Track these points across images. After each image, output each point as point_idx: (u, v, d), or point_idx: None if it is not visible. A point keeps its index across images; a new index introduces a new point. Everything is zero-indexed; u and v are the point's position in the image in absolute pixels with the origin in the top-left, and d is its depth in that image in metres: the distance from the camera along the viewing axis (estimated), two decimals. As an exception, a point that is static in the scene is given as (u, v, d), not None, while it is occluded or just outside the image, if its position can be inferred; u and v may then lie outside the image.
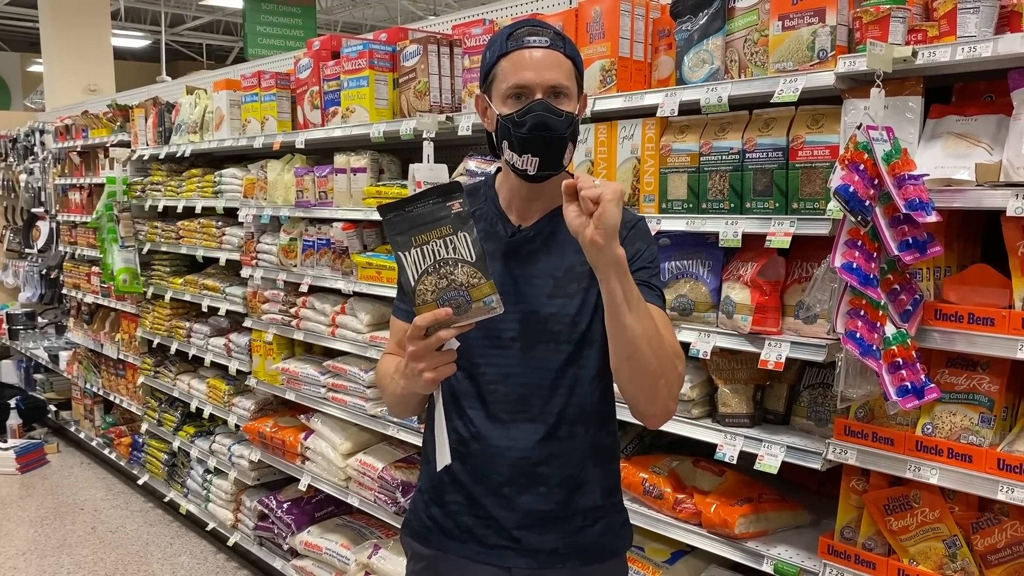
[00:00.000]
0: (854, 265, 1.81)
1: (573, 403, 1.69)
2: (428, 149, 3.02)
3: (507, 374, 1.68)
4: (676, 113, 2.30)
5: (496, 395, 1.68)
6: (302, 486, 3.83)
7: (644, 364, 1.54)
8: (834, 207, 1.92)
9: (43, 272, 7.47)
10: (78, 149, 6.30)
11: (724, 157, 2.24)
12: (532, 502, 1.69)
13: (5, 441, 6.26)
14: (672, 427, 2.40)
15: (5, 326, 7.68)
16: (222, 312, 4.55)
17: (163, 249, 4.98)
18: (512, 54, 1.62)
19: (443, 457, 1.58)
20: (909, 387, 1.83)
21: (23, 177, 7.56)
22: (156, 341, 5.19)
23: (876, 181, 1.80)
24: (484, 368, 1.69)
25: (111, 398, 6.00)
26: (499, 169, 1.81)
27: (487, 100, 1.69)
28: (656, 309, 1.63)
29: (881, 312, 1.83)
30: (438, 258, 1.49)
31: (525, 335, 1.67)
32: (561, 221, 1.66)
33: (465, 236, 1.50)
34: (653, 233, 2.34)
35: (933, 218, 1.76)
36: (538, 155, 1.62)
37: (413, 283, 1.49)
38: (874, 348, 1.81)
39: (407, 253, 1.49)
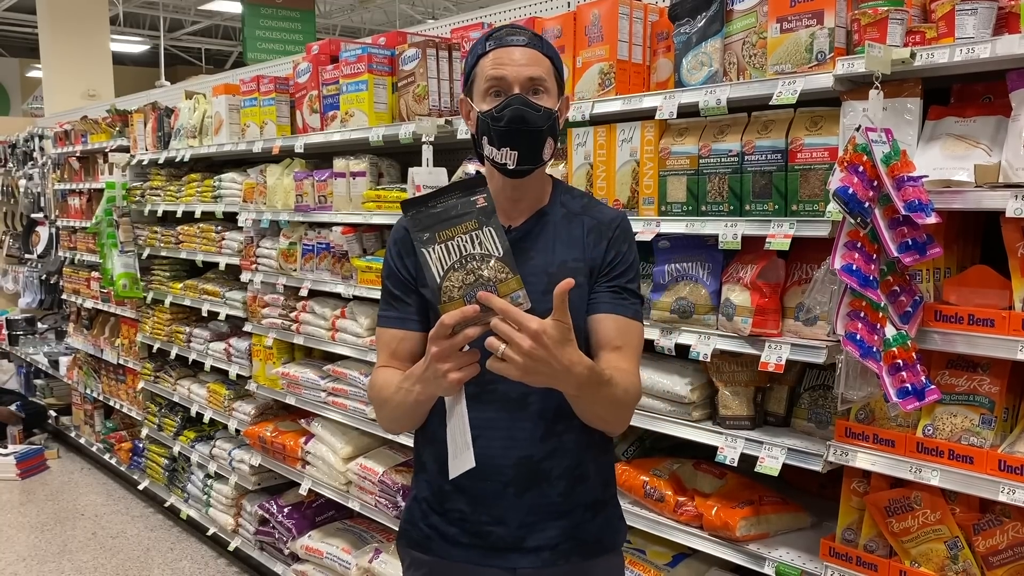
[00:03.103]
0: (854, 267, 1.81)
1: None
2: (427, 153, 3.02)
3: None
4: (675, 116, 2.30)
5: (496, 395, 1.68)
6: (303, 491, 3.82)
7: (602, 423, 1.69)
8: (833, 209, 1.92)
9: (43, 277, 7.47)
10: (77, 154, 6.30)
11: (723, 159, 2.24)
12: (536, 499, 1.70)
13: (5, 447, 6.26)
14: (673, 430, 2.40)
15: (5, 331, 7.68)
16: (222, 317, 4.55)
17: (163, 254, 4.99)
18: (491, 53, 1.66)
19: (466, 461, 1.55)
20: (909, 389, 1.83)
21: (22, 182, 7.57)
22: (156, 346, 5.19)
23: (875, 183, 1.80)
24: (484, 369, 1.65)
25: (111, 403, 5.99)
26: (477, 172, 1.81)
27: (470, 102, 1.72)
28: (625, 322, 1.70)
29: (881, 314, 1.83)
30: (464, 253, 1.45)
31: None
32: (549, 219, 1.76)
33: (491, 231, 1.46)
34: (653, 236, 2.36)
35: (932, 219, 1.77)
36: (516, 148, 1.63)
37: (439, 280, 1.45)
38: (874, 350, 1.81)
39: (431, 249, 1.45)
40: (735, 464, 2.24)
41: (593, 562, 1.77)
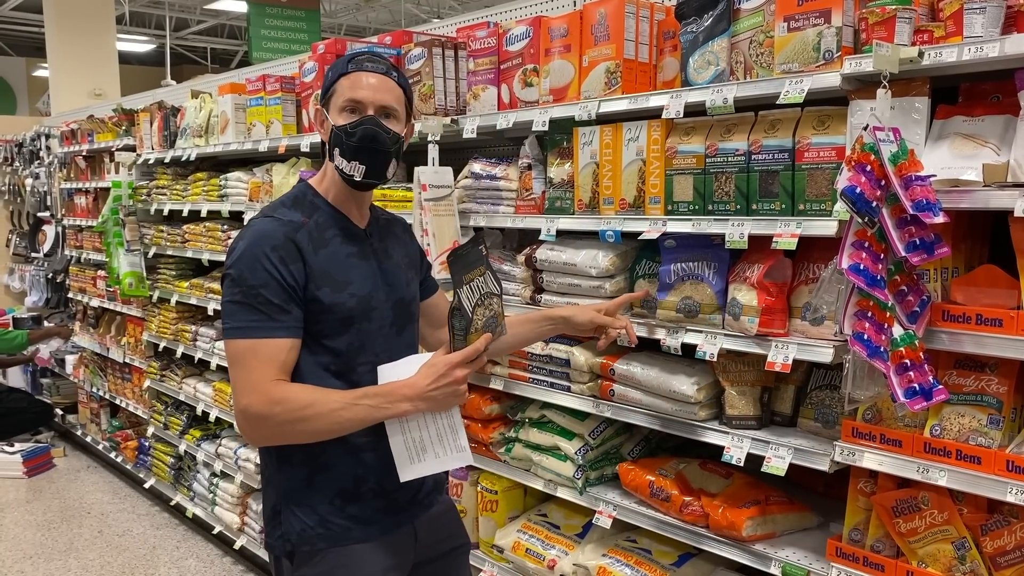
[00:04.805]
0: (861, 266, 1.80)
1: None
2: (433, 152, 3.02)
3: (391, 356, 1.89)
4: (681, 115, 2.30)
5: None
6: (308, 489, 3.82)
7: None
8: (841, 208, 1.91)
9: (49, 276, 7.49)
10: (83, 153, 6.32)
11: (730, 159, 2.23)
12: None
13: (11, 445, 6.28)
14: (679, 429, 2.40)
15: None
16: (228, 315, 4.55)
17: (168, 253, 4.99)
18: (351, 75, 1.86)
19: (466, 459, 1.86)
20: (917, 388, 1.82)
21: (29, 181, 7.59)
22: (162, 345, 5.20)
23: (883, 182, 1.80)
24: (382, 357, 1.89)
25: (117, 402, 6.01)
26: (302, 180, 1.99)
27: (325, 113, 1.90)
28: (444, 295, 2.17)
29: (888, 313, 1.82)
30: (482, 292, 1.78)
31: (398, 320, 1.97)
32: (380, 222, 2.03)
33: (490, 273, 1.82)
34: (659, 235, 2.36)
35: (940, 219, 1.76)
36: (365, 164, 1.85)
37: (471, 314, 1.76)
38: (882, 349, 1.81)
39: (462, 289, 1.73)
40: (741, 464, 2.24)
41: (444, 492, 2.16)
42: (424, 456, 1.82)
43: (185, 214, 4.78)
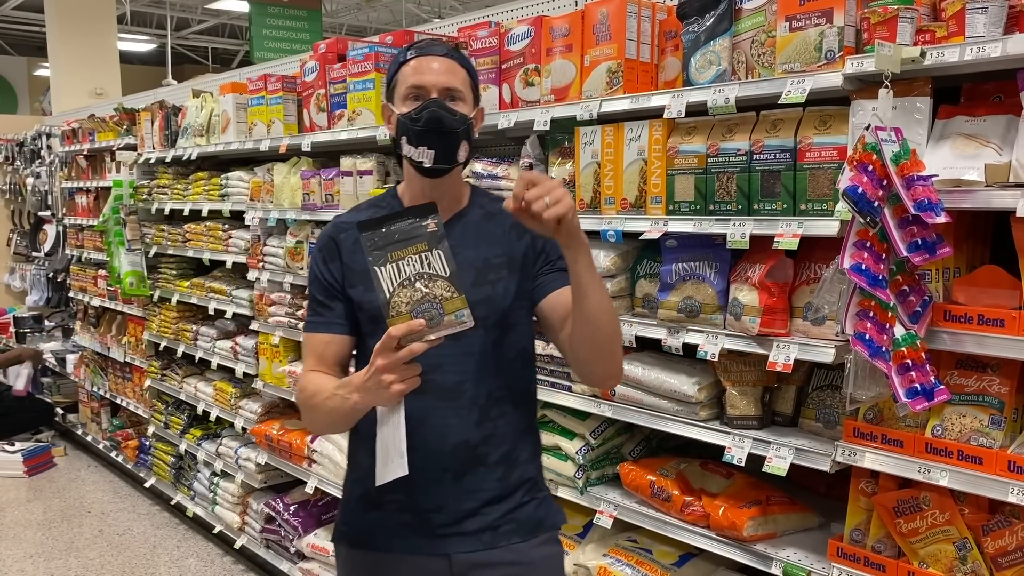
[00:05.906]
0: (863, 266, 1.80)
1: (502, 384, 1.82)
2: (434, 151, 3.01)
3: (439, 363, 1.72)
4: (683, 114, 2.29)
5: (432, 384, 1.71)
6: (309, 489, 3.83)
7: (607, 332, 1.70)
8: (842, 208, 1.91)
9: (50, 275, 7.50)
10: (84, 153, 6.32)
11: (731, 158, 2.23)
12: (474, 483, 1.78)
13: (12, 444, 6.28)
14: (680, 429, 2.40)
15: (12, 329, 7.70)
16: (228, 315, 4.56)
17: (169, 252, 5.00)
18: (412, 61, 1.79)
19: (399, 469, 1.62)
20: (918, 389, 1.82)
21: (30, 181, 7.59)
22: (163, 344, 5.20)
23: (885, 182, 1.80)
24: (418, 360, 1.70)
25: (118, 401, 6.01)
26: (397, 183, 1.94)
27: (391, 108, 1.84)
28: None
29: (890, 313, 1.82)
30: (414, 272, 1.56)
31: None
32: (469, 219, 1.88)
33: (440, 253, 1.58)
34: (660, 235, 2.36)
35: (942, 219, 1.76)
36: (433, 148, 1.76)
37: (388, 295, 1.55)
38: (883, 350, 1.81)
39: (382, 268, 1.56)
40: (742, 464, 2.24)
41: (532, 542, 1.83)
42: (387, 459, 1.65)
43: (186, 213, 4.78)
